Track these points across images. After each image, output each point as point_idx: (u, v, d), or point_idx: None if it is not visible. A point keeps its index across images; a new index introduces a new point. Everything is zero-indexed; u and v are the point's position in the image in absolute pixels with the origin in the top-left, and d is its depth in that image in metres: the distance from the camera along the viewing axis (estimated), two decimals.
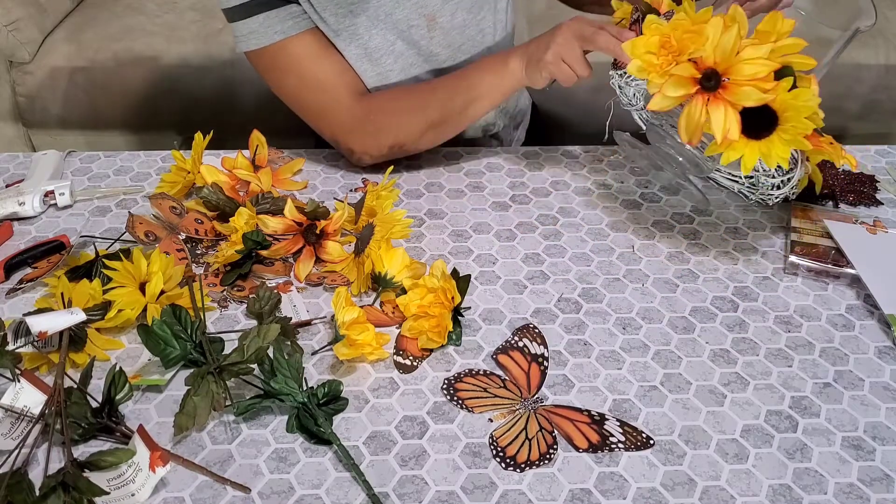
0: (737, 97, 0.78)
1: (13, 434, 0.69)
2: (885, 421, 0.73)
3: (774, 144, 0.79)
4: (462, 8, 1.07)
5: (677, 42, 0.80)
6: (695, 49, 0.78)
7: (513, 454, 0.70)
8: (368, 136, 1.03)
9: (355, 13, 1.01)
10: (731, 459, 0.69)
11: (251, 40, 0.99)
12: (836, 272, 0.89)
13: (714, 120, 0.79)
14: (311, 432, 0.71)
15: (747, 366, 0.79)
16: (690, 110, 0.80)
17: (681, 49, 0.80)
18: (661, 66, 0.80)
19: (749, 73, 0.77)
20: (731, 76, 0.78)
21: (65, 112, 1.89)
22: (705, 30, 0.78)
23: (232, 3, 0.98)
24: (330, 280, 0.88)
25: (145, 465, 0.64)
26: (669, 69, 0.80)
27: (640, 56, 0.81)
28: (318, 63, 1.02)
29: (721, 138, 0.78)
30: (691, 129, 0.80)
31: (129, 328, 0.82)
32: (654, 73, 0.81)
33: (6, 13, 1.79)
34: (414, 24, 1.04)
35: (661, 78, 0.80)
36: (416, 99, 1.03)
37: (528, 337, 0.82)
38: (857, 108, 1.89)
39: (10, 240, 0.96)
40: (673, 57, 0.80)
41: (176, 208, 0.95)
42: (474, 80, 0.99)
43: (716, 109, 0.79)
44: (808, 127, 0.78)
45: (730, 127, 0.78)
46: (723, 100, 0.79)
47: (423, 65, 1.08)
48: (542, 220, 0.99)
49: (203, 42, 1.87)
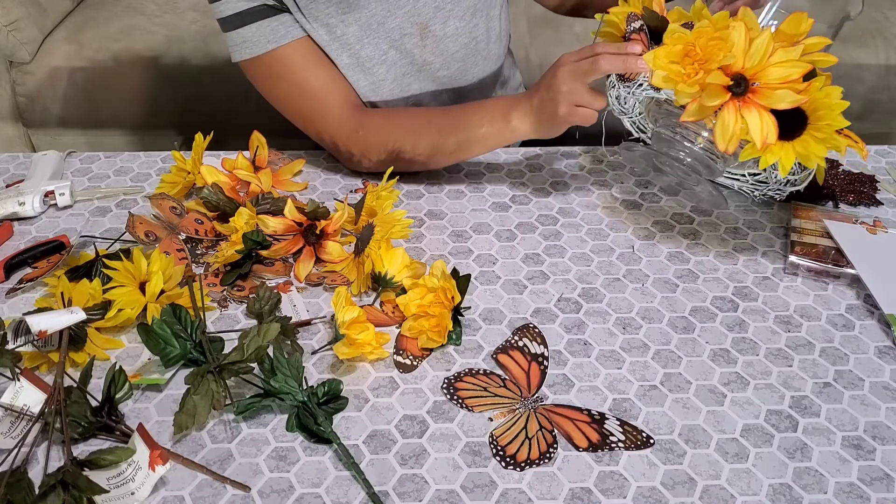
0: (770, 101, 0.77)
1: (13, 433, 0.69)
2: (885, 420, 0.73)
3: (810, 144, 0.78)
4: (454, 16, 1.06)
5: (702, 50, 0.79)
6: (724, 56, 0.77)
7: (513, 453, 0.70)
8: (358, 147, 1.03)
9: (347, 22, 1.00)
10: (732, 459, 0.69)
11: (244, 50, 0.99)
12: (836, 272, 0.89)
13: (751, 125, 0.77)
14: (310, 431, 0.71)
15: (747, 365, 0.79)
16: (725, 118, 0.78)
17: (706, 56, 0.79)
18: (688, 76, 0.79)
19: (781, 76, 0.77)
20: (761, 80, 0.77)
21: (65, 112, 1.89)
22: (731, 35, 0.77)
23: (225, 14, 0.98)
24: (330, 280, 0.88)
25: (145, 464, 0.64)
26: (698, 78, 0.79)
27: (665, 67, 0.80)
28: (311, 71, 1.01)
29: (761, 144, 0.77)
30: (727, 137, 0.78)
31: (129, 328, 0.82)
32: (682, 83, 0.79)
33: (6, 13, 1.79)
34: (406, 33, 1.04)
35: (690, 87, 0.79)
36: (409, 127, 1.01)
37: (528, 336, 0.82)
38: (857, 108, 1.89)
39: (10, 240, 0.96)
40: (699, 65, 0.79)
41: (176, 208, 0.95)
42: (472, 125, 0.97)
43: (750, 114, 0.77)
44: (841, 123, 0.77)
45: (768, 131, 0.77)
46: (754, 104, 0.78)
47: (416, 74, 1.08)
48: (542, 220, 0.99)
49: (203, 42, 1.87)
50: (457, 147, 0.99)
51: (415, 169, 1.04)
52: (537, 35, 1.93)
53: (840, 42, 1.85)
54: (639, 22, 0.89)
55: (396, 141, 1.00)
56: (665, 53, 0.81)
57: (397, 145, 1.00)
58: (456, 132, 0.98)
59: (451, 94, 1.13)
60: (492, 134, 0.97)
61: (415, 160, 1.01)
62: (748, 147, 0.79)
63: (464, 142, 0.98)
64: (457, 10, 1.06)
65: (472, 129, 0.97)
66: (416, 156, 1.00)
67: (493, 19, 1.11)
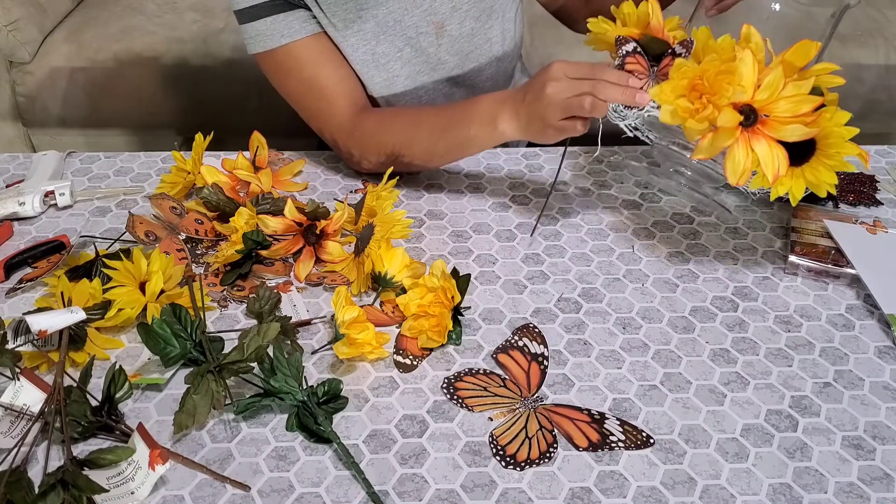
0: (779, 133, 0.76)
1: (13, 432, 0.69)
2: (885, 420, 0.73)
3: (820, 172, 0.77)
4: (471, 16, 1.07)
5: (710, 84, 0.76)
6: (733, 92, 0.75)
7: (513, 453, 0.70)
8: (357, 149, 1.03)
9: (364, 19, 1.01)
10: (732, 458, 0.69)
11: (258, 42, 1.00)
12: (836, 272, 0.89)
13: (763, 160, 0.76)
14: (310, 431, 0.71)
15: (747, 365, 0.79)
16: (735, 153, 0.76)
17: (714, 90, 0.76)
18: (697, 110, 0.77)
19: (791, 109, 0.76)
20: (771, 113, 0.76)
21: (65, 112, 1.89)
22: (739, 68, 0.76)
23: (242, 6, 0.98)
24: (330, 280, 0.88)
25: (145, 464, 0.64)
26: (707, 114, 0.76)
27: (672, 102, 0.78)
28: (321, 69, 1.02)
29: (773, 178, 0.76)
30: (739, 172, 0.77)
31: (128, 327, 0.82)
32: (692, 120, 0.77)
33: (6, 13, 1.79)
34: (423, 31, 1.05)
35: (700, 124, 0.77)
36: (401, 132, 1.00)
37: (528, 336, 0.82)
38: (857, 108, 1.89)
39: (10, 240, 0.96)
40: (707, 98, 0.77)
41: (176, 208, 0.95)
42: (461, 125, 0.95)
43: (760, 146, 0.76)
44: (852, 150, 0.76)
45: (779, 164, 0.76)
46: (763, 135, 0.76)
47: (430, 72, 1.09)
48: (542, 220, 0.99)
49: (203, 42, 1.87)
50: (447, 151, 0.99)
51: (414, 170, 1.05)
52: (538, 35, 1.93)
53: (840, 42, 1.85)
54: (632, 45, 0.85)
55: (390, 145, 1.00)
56: (671, 88, 0.78)
57: (392, 149, 1.00)
58: (445, 136, 0.97)
59: (465, 93, 1.14)
60: (481, 136, 0.95)
61: (412, 163, 1.01)
62: (758, 177, 0.77)
63: (454, 146, 0.98)
64: (473, 11, 1.06)
65: (460, 131, 0.96)
66: (412, 159, 1.00)
67: (508, 21, 1.12)
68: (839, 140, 0.76)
